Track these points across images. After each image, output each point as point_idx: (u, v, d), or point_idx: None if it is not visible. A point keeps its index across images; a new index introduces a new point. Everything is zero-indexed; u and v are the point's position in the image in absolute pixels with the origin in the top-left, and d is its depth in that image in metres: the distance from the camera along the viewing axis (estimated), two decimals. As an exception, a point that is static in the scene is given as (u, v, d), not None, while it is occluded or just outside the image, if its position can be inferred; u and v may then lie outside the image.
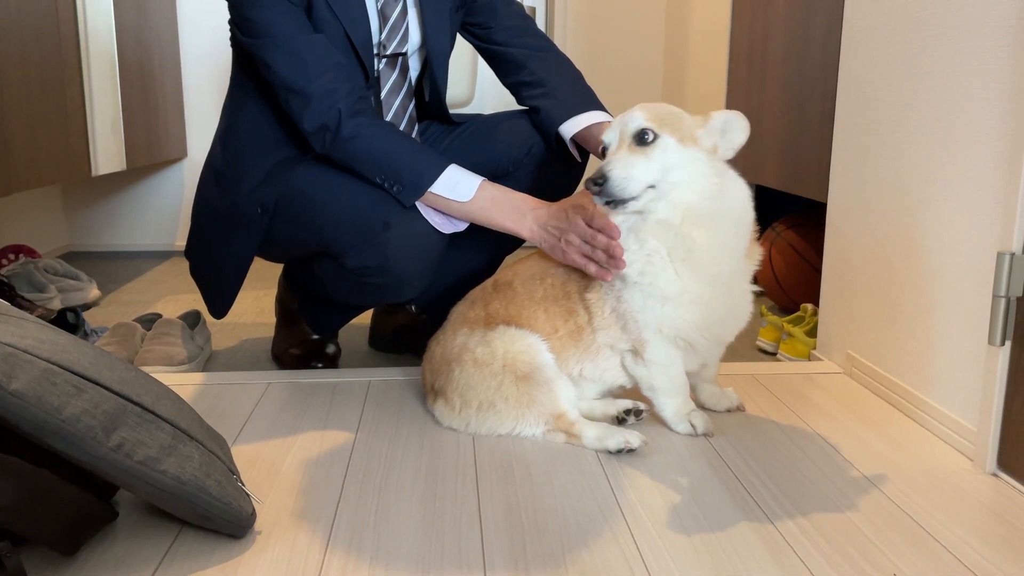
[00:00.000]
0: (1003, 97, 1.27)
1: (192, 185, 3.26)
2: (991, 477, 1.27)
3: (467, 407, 1.40)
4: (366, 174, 1.47)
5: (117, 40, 2.53)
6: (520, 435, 1.39)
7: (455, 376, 1.41)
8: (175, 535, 1.07)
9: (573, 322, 1.40)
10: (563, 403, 1.37)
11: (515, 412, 1.38)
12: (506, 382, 1.37)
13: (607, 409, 1.45)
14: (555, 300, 1.42)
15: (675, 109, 1.32)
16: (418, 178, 1.45)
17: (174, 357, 1.75)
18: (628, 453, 1.32)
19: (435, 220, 1.49)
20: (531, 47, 1.69)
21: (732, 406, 1.52)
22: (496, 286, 1.49)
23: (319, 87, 1.45)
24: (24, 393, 0.88)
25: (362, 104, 1.48)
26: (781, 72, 2.19)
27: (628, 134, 1.27)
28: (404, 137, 1.50)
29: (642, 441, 1.33)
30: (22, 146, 1.98)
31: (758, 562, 1.02)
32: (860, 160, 1.69)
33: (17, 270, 2.31)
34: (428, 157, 1.47)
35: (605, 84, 3.23)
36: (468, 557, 1.03)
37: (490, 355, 1.39)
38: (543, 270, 1.45)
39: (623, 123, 1.28)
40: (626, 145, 1.27)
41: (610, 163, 1.25)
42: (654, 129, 1.26)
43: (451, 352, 1.44)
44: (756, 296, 1.44)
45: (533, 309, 1.42)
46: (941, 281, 1.43)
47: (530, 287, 1.44)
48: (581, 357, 1.41)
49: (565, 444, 1.36)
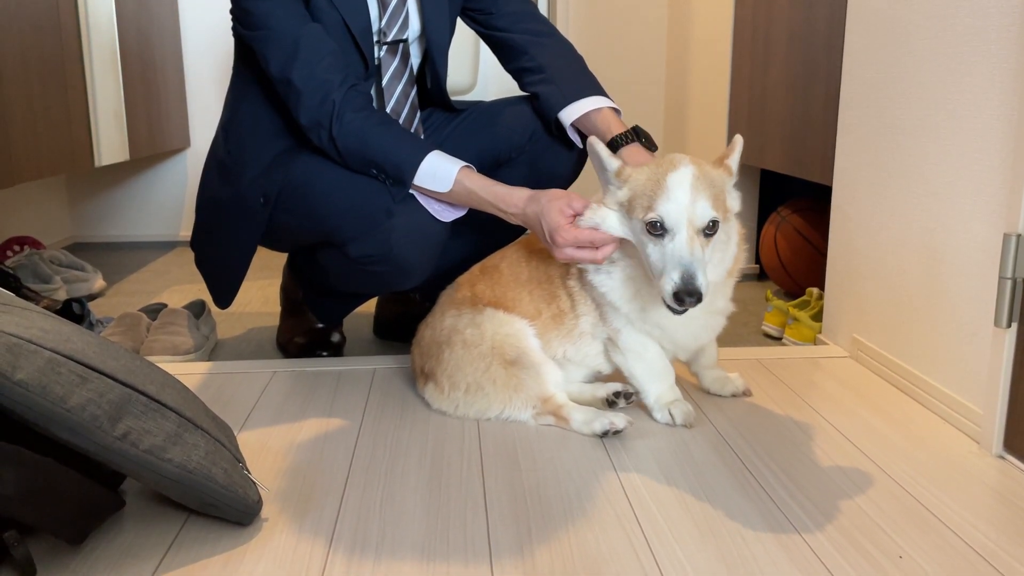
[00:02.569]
0: (1008, 77, 1.26)
1: (195, 175, 3.26)
2: (997, 459, 1.27)
3: (455, 389, 1.41)
4: (359, 168, 1.47)
5: (118, 30, 2.52)
6: (509, 419, 1.40)
7: (445, 358, 1.42)
8: (182, 523, 1.08)
9: (555, 306, 1.42)
10: (550, 386, 1.38)
11: (503, 395, 1.39)
12: (494, 364, 1.38)
13: (597, 392, 1.45)
14: (538, 283, 1.43)
15: (714, 174, 1.27)
16: (399, 173, 1.44)
17: (179, 347, 1.75)
18: (615, 435, 1.33)
19: (433, 208, 1.48)
20: (532, 32, 1.68)
21: (738, 391, 1.52)
22: (483, 269, 1.50)
23: (312, 80, 1.44)
24: (29, 383, 0.88)
25: (353, 95, 1.46)
26: (785, 55, 2.18)
27: (698, 226, 1.21)
28: (389, 128, 1.48)
29: (628, 423, 1.34)
30: (24, 138, 1.98)
31: (763, 546, 1.02)
32: (865, 143, 1.68)
33: (22, 261, 2.32)
34: (407, 149, 1.45)
35: (608, 68, 3.21)
36: (474, 543, 1.03)
37: (479, 336, 1.40)
38: (529, 253, 1.46)
39: (692, 212, 1.20)
40: (695, 234, 1.20)
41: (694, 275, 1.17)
42: (718, 218, 1.23)
43: (440, 335, 1.45)
44: (757, 282, 1.44)
45: (518, 291, 1.43)
46: (947, 263, 1.42)
47: (516, 269, 1.46)
48: (563, 340, 1.42)
49: (569, 430, 1.36)
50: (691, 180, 1.22)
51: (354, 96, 1.47)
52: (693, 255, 1.19)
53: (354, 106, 1.46)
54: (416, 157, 1.44)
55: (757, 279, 2.49)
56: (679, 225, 1.20)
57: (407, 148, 1.45)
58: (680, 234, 1.20)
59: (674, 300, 1.18)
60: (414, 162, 1.43)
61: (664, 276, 1.20)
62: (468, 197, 1.44)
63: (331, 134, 1.45)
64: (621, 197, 1.29)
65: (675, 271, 1.18)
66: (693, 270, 1.18)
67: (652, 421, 1.40)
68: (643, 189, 1.24)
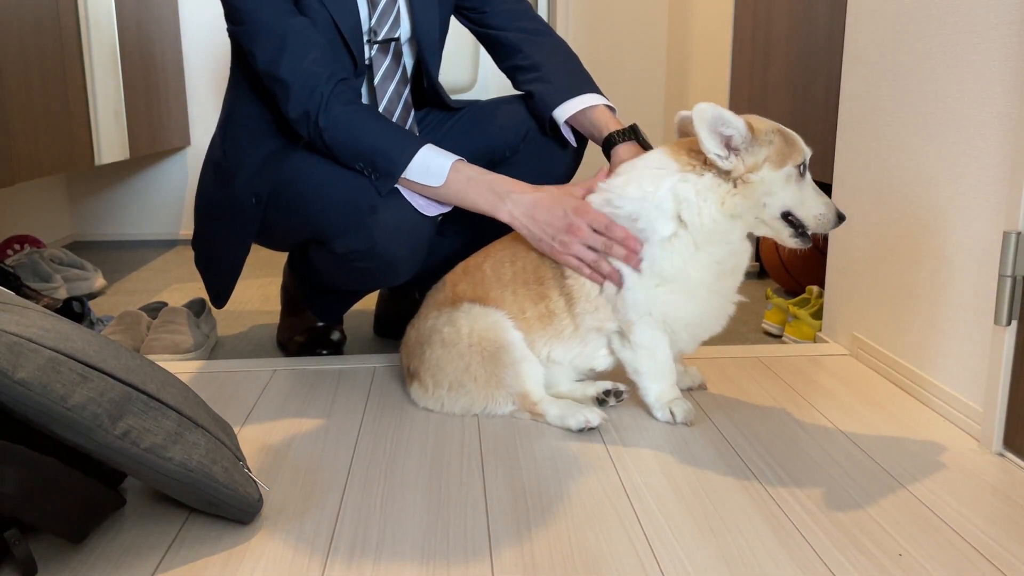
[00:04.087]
0: (1008, 75, 1.26)
1: (195, 173, 3.26)
2: (997, 457, 1.27)
3: (439, 388, 1.42)
4: (347, 162, 1.47)
5: (118, 28, 2.52)
6: (493, 414, 1.41)
7: (427, 357, 1.43)
8: (182, 522, 1.08)
9: (544, 306, 1.40)
10: (528, 383, 1.38)
11: (484, 392, 1.40)
12: (473, 363, 1.38)
13: (587, 390, 1.45)
14: (525, 283, 1.42)
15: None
16: (390, 165, 1.44)
17: (180, 345, 1.75)
18: (588, 431, 1.34)
19: (418, 203, 1.47)
20: (527, 31, 1.67)
21: (694, 385, 1.54)
22: (466, 268, 1.49)
23: (300, 73, 1.44)
24: (29, 382, 0.88)
25: (342, 88, 1.46)
26: (785, 52, 2.18)
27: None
28: (379, 121, 1.48)
29: (602, 419, 1.34)
30: (24, 136, 1.98)
31: (764, 544, 1.02)
32: (865, 140, 1.68)
33: (23, 260, 2.32)
34: (400, 142, 1.45)
35: (608, 66, 3.21)
36: (474, 542, 1.03)
37: (456, 334, 1.40)
38: (514, 253, 1.45)
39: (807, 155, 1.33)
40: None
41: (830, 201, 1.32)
42: None
43: (422, 334, 1.46)
44: (756, 281, 1.45)
45: (500, 291, 1.42)
46: (947, 261, 1.42)
47: (499, 269, 1.44)
48: (549, 341, 1.41)
49: (565, 427, 1.36)
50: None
51: (343, 89, 1.46)
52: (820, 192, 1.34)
53: (344, 99, 1.45)
54: (409, 150, 1.43)
55: (757, 277, 2.49)
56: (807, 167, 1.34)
57: (399, 141, 1.45)
58: (808, 174, 1.34)
59: (837, 220, 1.32)
60: (407, 155, 1.43)
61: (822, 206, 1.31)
62: (464, 186, 1.42)
63: (318, 125, 1.44)
64: (761, 154, 1.30)
65: (823, 200, 1.32)
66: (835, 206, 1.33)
67: (652, 419, 1.40)
68: (781, 139, 1.31)
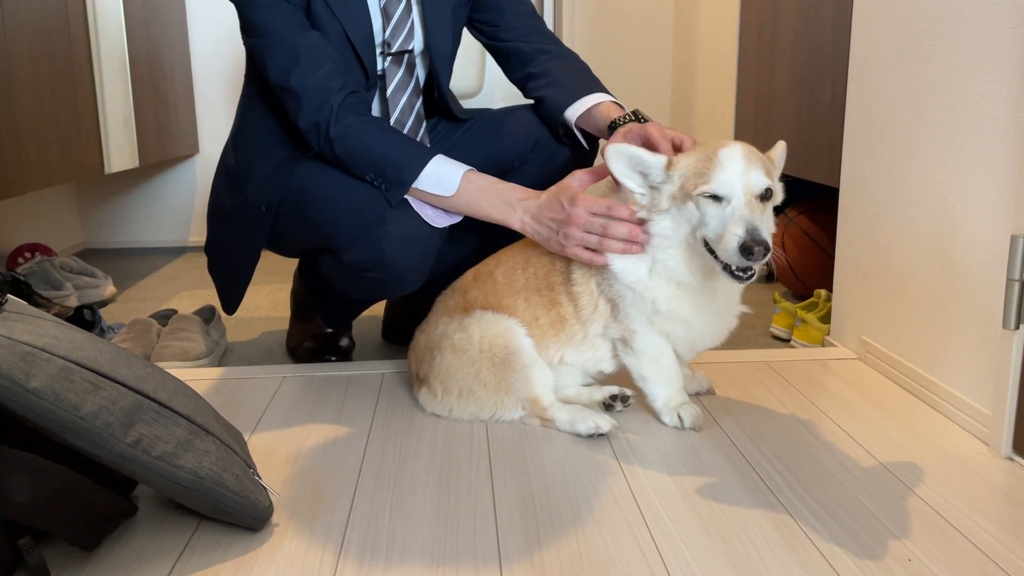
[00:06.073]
0: (1015, 78, 1.26)
1: (204, 181, 3.28)
2: (1006, 461, 1.27)
3: (448, 394, 1.42)
4: (357, 172, 1.48)
5: (127, 37, 2.54)
6: (502, 420, 1.41)
7: (436, 363, 1.43)
8: (194, 529, 1.08)
9: (556, 312, 1.41)
10: (538, 388, 1.38)
11: (494, 398, 1.40)
12: (483, 369, 1.39)
13: (594, 395, 1.46)
14: (537, 290, 1.42)
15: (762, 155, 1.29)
16: (401, 175, 1.44)
17: (190, 352, 1.76)
18: (599, 437, 1.34)
19: (427, 214, 1.49)
20: (538, 43, 1.69)
21: (702, 389, 1.53)
22: (477, 276, 1.49)
23: (311, 85, 1.45)
24: (42, 391, 0.89)
25: (353, 100, 1.47)
26: (791, 56, 2.18)
27: (754, 192, 1.22)
28: (390, 133, 1.49)
29: (612, 425, 1.35)
30: (35, 145, 1.99)
31: (772, 550, 1.02)
32: (872, 144, 1.68)
33: (33, 268, 2.34)
34: (411, 153, 1.46)
35: (614, 70, 3.22)
36: (483, 548, 1.04)
37: (466, 341, 1.40)
38: (526, 260, 1.45)
39: (747, 180, 1.21)
40: (753, 201, 1.21)
41: (758, 228, 1.18)
42: (771, 187, 1.24)
43: (432, 340, 1.46)
44: (764, 284, 1.44)
45: (513, 298, 1.43)
46: (954, 265, 1.42)
47: (511, 276, 1.45)
48: (562, 346, 1.42)
49: (575, 433, 1.36)
50: (742, 152, 1.23)
51: (354, 101, 1.47)
52: (752, 214, 1.20)
53: (355, 110, 1.47)
54: (420, 160, 1.44)
55: (765, 281, 2.49)
56: (735, 191, 1.21)
57: (410, 152, 1.46)
58: (737, 198, 1.21)
59: (741, 252, 1.17)
60: (418, 165, 1.44)
61: (726, 234, 1.19)
62: (476, 196, 1.43)
63: (329, 136, 1.45)
64: (671, 190, 1.27)
65: (737, 226, 1.18)
66: (755, 224, 1.18)
67: (660, 424, 1.40)
68: (695, 170, 1.24)
